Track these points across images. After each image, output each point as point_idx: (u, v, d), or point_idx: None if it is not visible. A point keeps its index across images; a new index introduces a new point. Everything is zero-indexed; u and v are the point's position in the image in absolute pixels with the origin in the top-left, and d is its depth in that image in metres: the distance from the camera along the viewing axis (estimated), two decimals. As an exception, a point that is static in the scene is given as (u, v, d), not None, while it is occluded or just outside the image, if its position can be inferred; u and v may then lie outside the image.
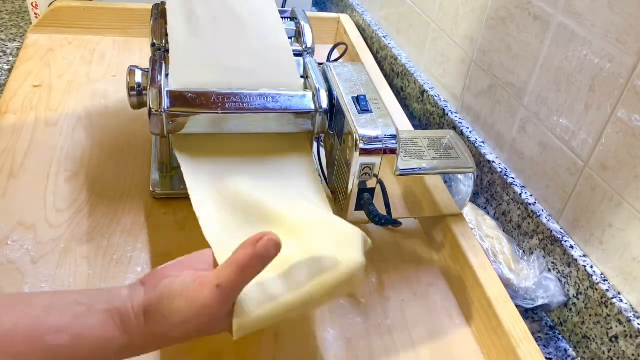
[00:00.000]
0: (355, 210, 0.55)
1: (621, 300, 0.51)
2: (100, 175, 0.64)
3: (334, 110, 0.57)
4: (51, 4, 0.91)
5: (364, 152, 0.51)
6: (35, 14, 0.93)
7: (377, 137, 0.52)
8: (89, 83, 0.80)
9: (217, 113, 0.54)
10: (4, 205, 0.58)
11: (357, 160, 0.51)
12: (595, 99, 0.53)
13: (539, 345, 0.48)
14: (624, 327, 0.49)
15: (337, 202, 0.58)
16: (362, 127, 0.52)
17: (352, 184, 0.53)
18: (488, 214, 0.68)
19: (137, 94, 0.56)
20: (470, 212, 0.65)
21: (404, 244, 0.61)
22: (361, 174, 0.52)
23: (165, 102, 0.53)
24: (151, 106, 0.53)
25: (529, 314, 0.58)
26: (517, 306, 0.51)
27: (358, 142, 0.51)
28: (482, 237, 0.62)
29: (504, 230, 0.65)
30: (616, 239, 0.52)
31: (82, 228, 0.57)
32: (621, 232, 0.51)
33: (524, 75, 0.63)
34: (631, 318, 0.49)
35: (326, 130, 0.58)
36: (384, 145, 0.52)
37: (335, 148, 0.58)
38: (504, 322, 0.49)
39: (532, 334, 0.48)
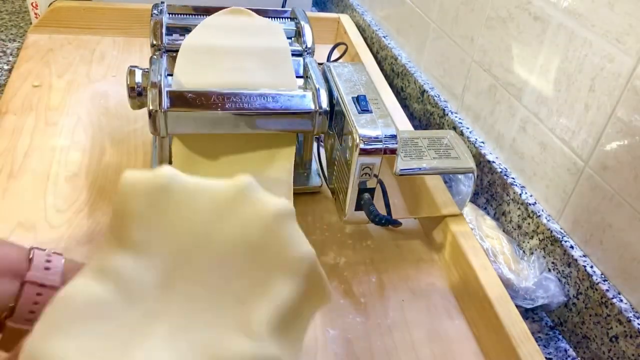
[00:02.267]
0: (355, 210, 0.55)
1: (621, 300, 0.51)
2: (101, 175, 0.64)
3: (334, 111, 0.57)
4: (51, 4, 0.91)
5: (364, 152, 0.51)
6: (35, 14, 0.93)
7: (377, 137, 0.52)
8: (89, 83, 0.80)
9: (217, 113, 0.54)
10: (3, 206, 0.58)
11: (357, 160, 0.52)
12: (595, 99, 0.53)
13: (539, 345, 0.48)
14: (624, 327, 0.49)
15: (337, 202, 0.58)
16: (362, 127, 0.52)
17: (352, 184, 0.53)
18: (488, 214, 0.68)
19: (137, 94, 0.56)
20: (470, 212, 0.65)
21: (404, 244, 0.61)
22: (361, 174, 0.52)
23: (165, 102, 0.53)
24: (151, 106, 0.53)
25: (529, 314, 0.58)
26: (517, 306, 0.51)
27: (358, 142, 0.51)
28: (482, 237, 0.62)
29: (504, 230, 0.65)
30: (616, 239, 0.52)
31: (83, 228, 0.57)
32: (621, 232, 0.51)
33: (524, 75, 0.63)
34: (631, 318, 0.49)
35: (326, 130, 0.58)
36: (384, 146, 0.52)
37: (335, 148, 0.58)
38: (504, 322, 0.49)
39: (532, 334, 0.48)
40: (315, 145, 0.64)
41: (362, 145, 0.51)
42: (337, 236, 0.61)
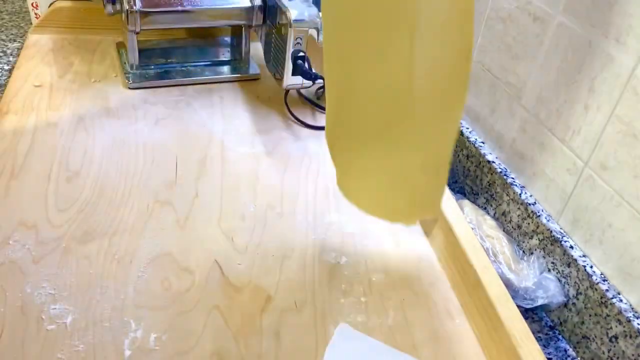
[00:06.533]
0: (292, 75, 0.72)
1: (621, 300, 0.51)
2: (102, 175, 0.64)
3: (267, 6, 0.76)
4: (51, 4, 0.91)
5: (297, 22, 0.68)
6: (36, 14, 0.93)
7: (304, 15, 0.69)
8: (89, 83, 0.80)
9: (177, 11, 0.75)
10: (5, 205, 0.58)
11: (291, 33, 0.68)
12: (595, 99, 0.54)
13: (538, 345, 0.48)
14: (624, 327, 0.50)
15: (278, 80, 0.75)
16: (293, 8, 0.69)
17: (288, 53, 0.70)
18: (488, 214, 0.68)
19: (112, 1, 0.72)
20: (470, 212, 0.65)
21: (404, 244, 0.61)
22: (294, 43, 0.70)
23: (138, 3, 0.72)
24: (127, 7, 0.71)
25: (529, 314, 0.58)
26: (517, 306, 0.51)
27: (290, 18, 0.68)
28: (482, 237, 0.62)
29: (504, 230, 0.65)
30: (616, 239, 0.52)
31: (84, 228, 0.57)
32: (621, 232, 0.52)
33: (524, 75, 0.64)
34: (631, 318, 0.49)
35: (261, 23, 0.77)
36: (310, 19, 0.69)
37: (270, 34, 0.75)
38: (504, 322, 0.49)
39: (532, 334, 0.48)
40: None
41: (294, 18, 0.68)
42: (338, 235, 0.61)
